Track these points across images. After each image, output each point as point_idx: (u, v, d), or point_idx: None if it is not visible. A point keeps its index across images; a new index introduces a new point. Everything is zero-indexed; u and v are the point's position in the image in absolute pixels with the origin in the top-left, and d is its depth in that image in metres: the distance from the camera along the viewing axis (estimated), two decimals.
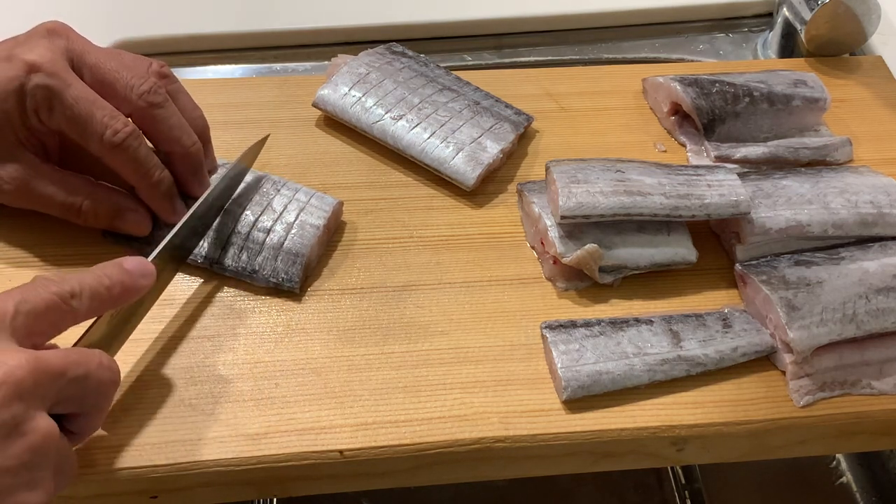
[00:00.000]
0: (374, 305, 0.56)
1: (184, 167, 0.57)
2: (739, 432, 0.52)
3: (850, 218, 0.59)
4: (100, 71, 0.53)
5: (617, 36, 0.84)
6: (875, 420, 0.54)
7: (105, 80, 0.53)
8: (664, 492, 0.87)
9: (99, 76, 0.53)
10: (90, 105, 0.52)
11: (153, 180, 0.55)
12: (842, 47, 0.77)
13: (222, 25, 0.80)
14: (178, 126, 0.56)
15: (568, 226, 0.57)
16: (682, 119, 0.69)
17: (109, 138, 0.52)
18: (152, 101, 0.54)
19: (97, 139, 0.52)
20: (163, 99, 0.55)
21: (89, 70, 0.53)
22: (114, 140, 0.52)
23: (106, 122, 0.52)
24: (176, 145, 0.56)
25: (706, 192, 0.58)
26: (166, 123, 0.55)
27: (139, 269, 0.47)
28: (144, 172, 0.55)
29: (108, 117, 0.52)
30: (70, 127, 0.52)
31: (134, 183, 0.55)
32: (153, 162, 0.55)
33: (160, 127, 0.55)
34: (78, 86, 0.52)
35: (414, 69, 0.68)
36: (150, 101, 0.54)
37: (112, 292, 0.46)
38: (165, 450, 0.49)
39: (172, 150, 0.56)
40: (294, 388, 0.52)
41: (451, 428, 0.51)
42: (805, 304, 0.54)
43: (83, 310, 0.44)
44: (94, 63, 0.53)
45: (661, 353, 0.53)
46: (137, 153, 0.53)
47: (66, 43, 0.53)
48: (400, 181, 0.64)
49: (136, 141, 0.53)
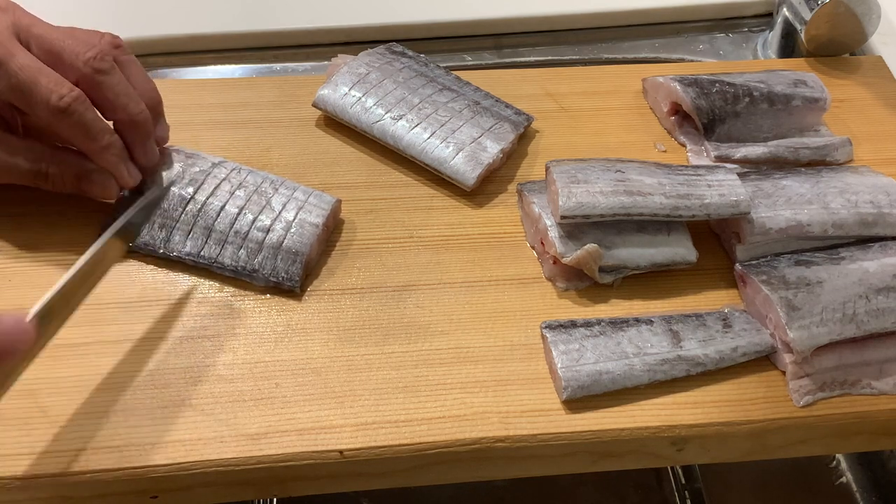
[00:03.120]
0: (374, 305, 0.56)
1: (131, 135, 0.57)
2: (739, 432, 0.52)
3: (850, 218, 0.59)
4: (46, 41, 0.53)
5: (617, 36, 0.84)
6: (875, 420, 0.54)
7: (52, 49, 0.53)
8: (664, 492, 0.87)
9: (45, 46, 0.53)
10: (35, 73, 0.52)
11: (103, 143, 0.55)
12: (842, 47, 0.77)
13: (222, 25, 0.80)
14: (125, 93, 0.55)
15: (568, 226, 0.57)
16: (682, 119, 0.69)
17: (55, 103, 0.52)
18: (98, 67, 0.54)
19: (43, 105, 0.52)
20: (109, 66, 0.55)
21: (36, 41, 0.53)
22: (59, 105, 0.52)
23: (51, 88, 0.52)
24: (122, 112, 0.56)
25: (706, 192, 0.58)
26: (113, 90, 0.55)
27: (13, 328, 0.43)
28: (93, 136, 0.54)
29: (54, 83, 0.52)
30: (16, 96, 0.52)
31: (84, 148, 0.55)
32: (101, 126, 0.55)
33: (107, 94, 0.55)
34: (22, 55, 0.52)
35: (414, 69, 0.68)
36: (95, 67, 0.54)
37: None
38: (165, 450, 0.49)
39: (119, 117, 0.56)
40: (294, 388, 0.52)
41: (451, 428, 0.51)
42: (805, 304, 0.54)
43: None
44: (39, 34, 0.54)
45: (661, 353, 0.53)
46: (84, 117, 0.53)
47: (13, 17, 0.53)
48: (400, 181, 0.64)
49: (81, 105, 0.53)
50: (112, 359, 0.53)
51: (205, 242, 0.57)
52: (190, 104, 0.68)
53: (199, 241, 0.57)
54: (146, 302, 0.56)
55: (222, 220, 0.57)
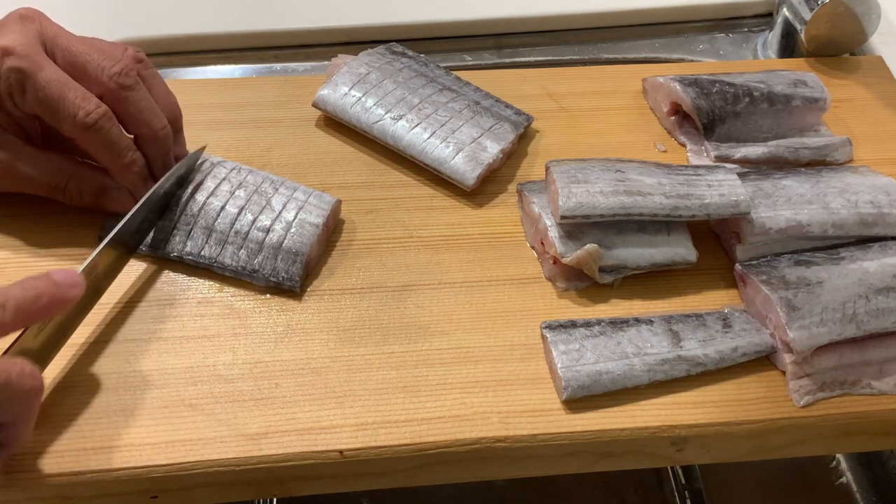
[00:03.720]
0: (374, 305, 0.56)
1: (151, 151, 0.57)
2: (739, 432, 0.52)
3: (850, 218, 0.59)
4: (72, 53, 0.53)
5: (617, 36, 0.84)
6: (875, 420, 0.54)
7: (77, 63, 0.53)
8: (664, 492, 0.87)
9: (71, 59, 0.53)
10: (62, 87, 0.52)
11: (126, 161, 0.55)
12: (842, 47, 0.77)
13: (222, 25, 0.80)
14: (149, 109, 0.56)
15: (568, 226, 0.57)
16: (682, 119, 0.69)
17: (82, 119, 0.52)
18: (123, 83, 0.54)
19: (70, 120, 0.52)
20: (133, 81, 0.55)
21: (62, 53, 0.53)
22: (86, 121, 0.52)
23: (78, 104, 0.52)
24: (145, 128, 0.56)
25: (706, 192, 0.58)
26: (136, 106, 0.55)
27: (67, 281, 0.46)
28: (117, 153, 0.55)
29: (81, 98, 0.52)
30: (43, 109, 0.52)
31: (107, 164, 0.55)
32: (126, 143, 0.55)
33: (130, 109, 0.55)
34: (50, 68, 0.52)
35: (414, 69, 0.68)
36: (120, 83, 0.54)
37: (39, 303, 0.45)
38: (165, 450, 0.49)
39: (141, 132, 0.56)
40: (294, 388, 0.52)
41: (451, 428, 0.51)
42: (805, 304, 0.54)
43: (7, 321, 0.44)
44: (66, 46, 0.54)
45: (661, 353, 0.53)
46: (110, 134, 0.54)
47: (39, 27, 0.53)
48: (400, 181, 0.64)
49: (108, 122, 0.53)
50: (112, 359, 0.53)
51: (205, 242, 0.57)
52: (190, 104, 0.67)
53: (200, 241, 0.57)
54: (146, 302, 0.56)
55: (222, 220, 0.57)
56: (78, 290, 0.47)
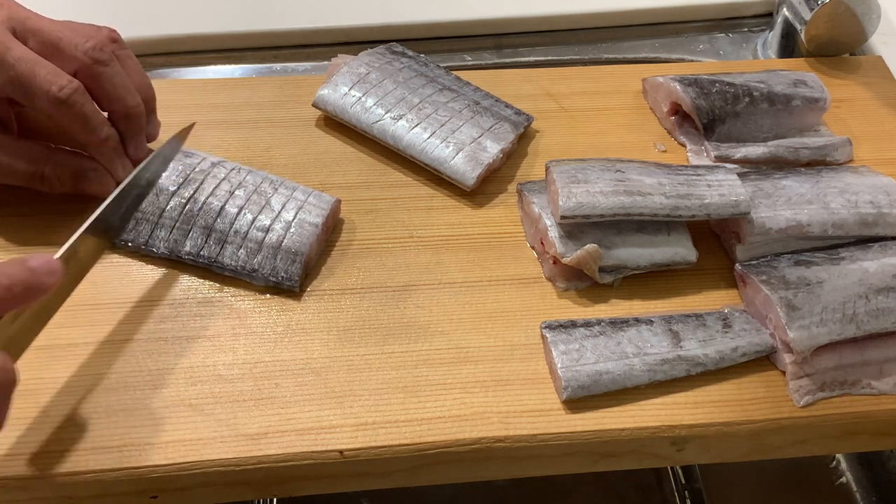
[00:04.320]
0: (374, 305, 0.56)
1: (126, 127, 0.57)
2: (739, 432, 0.52)
3: (850, 218, 0.59)
4: (43, 33, 0.54)
5: (617, 36, 0.84)
6: (875, 420, 0.54)
7: (49, 41, 0.53)
8: (664, 492, 0.87)
9: (42, 38, 0.53)
10: (32, 64, 0.52)
11: (102, 136, 0.55)
12: (842, 47, 0.77)
13: (222, 25, 0.80)
14: (123, 85, 0.56)
15: (568, 226, 0.57)
16: (682, 119, 0.69)
17: (55, 94, 0.52)
18: (97, 58, 0.54)
19: (42, 96, 0.52)
20: (108, 57, 0.55)
21: (33, 34, 0.54)
22: (59, 95, 0.52)
23: (50, 79, 0.52)
24: (119, 104, 0.56)
25: (706, 192, 0.58)
26: (111, 82, 0.55)
27: (44, 268, 0.44)
28: (92, 129, 0.55)
29: (52, 74, 0.52)
30: (14, 88, 0.52)
31: (82, 140, 0.55)
32: (100, 118, 0.55)
33: (105, 85, 0.55)
34: (19, 48, 0.52)
35: (414, 69, 0.68)
36: (95, 58, 0.54)
37: (13, 291, 0.43)
38: (165, 450, 0.49)
39: (115, 108, 0.56)
40: (294, 388, 0.52)
41: (451, 428, 0.51)
42: (805, 304, 0.54)
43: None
44: (36, 27, 0.54)
45: (661, 353, 0.53)
46: (84, 108, 0.54)
47: (8, 13, 0.53)
48: (400, 181, 0.64)
49: (81, 97, 0.53)
50: (112, 359, 0.53)
51: (204, 242, 0.57)
52: (190, 104, 0.68)
53: (199, 240, 0.57)
54: (146, 302, 0.56)
55: (222, 220, 0.57)
56: (55, 278, 0.45)
